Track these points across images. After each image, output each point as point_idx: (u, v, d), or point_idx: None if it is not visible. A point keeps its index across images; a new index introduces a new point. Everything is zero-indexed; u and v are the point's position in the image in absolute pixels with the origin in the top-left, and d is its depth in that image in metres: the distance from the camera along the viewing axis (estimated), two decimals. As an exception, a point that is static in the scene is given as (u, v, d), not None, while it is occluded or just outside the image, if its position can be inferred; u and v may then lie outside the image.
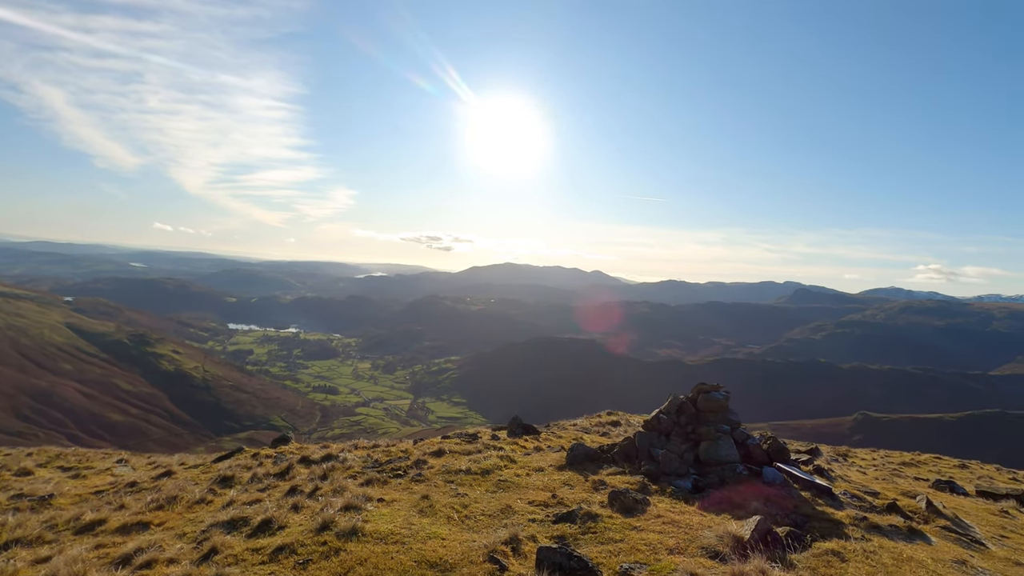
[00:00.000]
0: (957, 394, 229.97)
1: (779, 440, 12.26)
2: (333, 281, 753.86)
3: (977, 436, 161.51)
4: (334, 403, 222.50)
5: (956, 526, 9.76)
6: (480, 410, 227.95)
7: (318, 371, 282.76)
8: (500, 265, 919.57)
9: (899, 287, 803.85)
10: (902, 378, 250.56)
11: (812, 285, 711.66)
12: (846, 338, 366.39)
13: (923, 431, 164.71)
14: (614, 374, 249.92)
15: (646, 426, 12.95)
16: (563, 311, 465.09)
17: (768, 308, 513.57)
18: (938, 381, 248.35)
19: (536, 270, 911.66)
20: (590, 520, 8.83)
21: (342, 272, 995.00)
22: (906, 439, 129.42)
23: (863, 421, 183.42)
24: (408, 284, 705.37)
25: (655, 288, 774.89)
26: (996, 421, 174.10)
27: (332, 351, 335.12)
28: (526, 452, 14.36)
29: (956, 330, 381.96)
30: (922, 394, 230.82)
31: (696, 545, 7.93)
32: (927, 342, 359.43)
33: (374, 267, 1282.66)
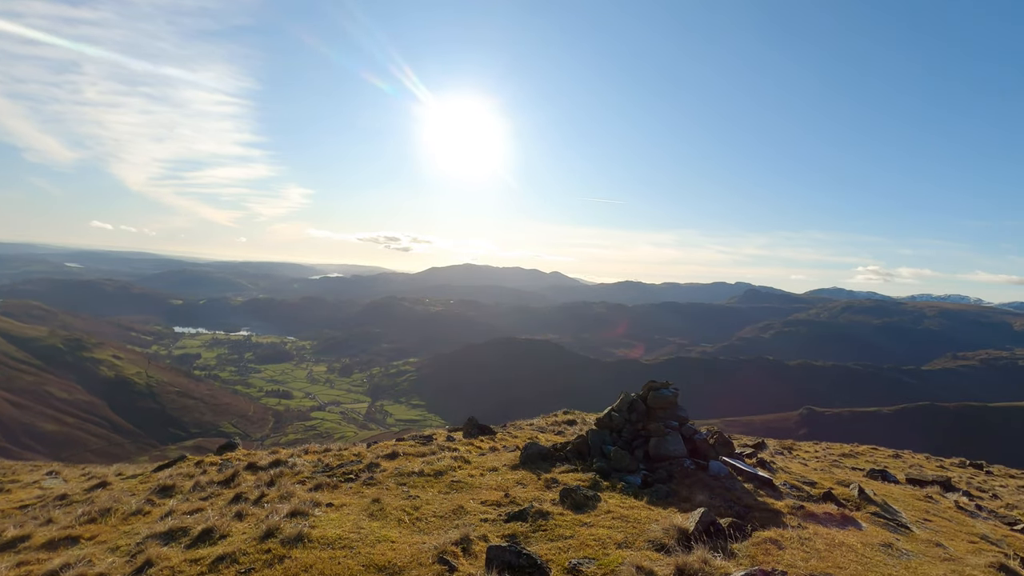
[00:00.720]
0: (893, 388, 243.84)
1: (724, 435, 12.70)
2: (287, 282, 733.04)
3: (910, 427, 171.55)
4: (288, 408, 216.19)
5: (885, 512, 10.35)
6: (439, 412, 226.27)
7: (271, 375, 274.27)
8: (459, 266, 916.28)
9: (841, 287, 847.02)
10: (844, 374, 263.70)
11: (761, 286, 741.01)
12: (793, 336, 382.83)
13: (863, 424, 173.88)
14: (573, 374, 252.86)
15: (598, 424, 13.16)
16: (523, 312, 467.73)
17: (720, 308, 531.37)
18: (876, 376, 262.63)
19: (495, 271, 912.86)
20: (541, 518, 8.90)
21: (297, 273, 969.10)
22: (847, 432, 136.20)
23: (808, 415, 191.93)
24: (366, 285, 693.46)
25: (612, 289, 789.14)
26: (927, 413, 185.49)
27: (286, 354, 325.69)
28: (481, 452, 14.36)
29: (892, 328, 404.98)
30: (862, 389, 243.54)
31: (644, 539, 8.10)
32: (866, 339, 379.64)
33: (330, 268, 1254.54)
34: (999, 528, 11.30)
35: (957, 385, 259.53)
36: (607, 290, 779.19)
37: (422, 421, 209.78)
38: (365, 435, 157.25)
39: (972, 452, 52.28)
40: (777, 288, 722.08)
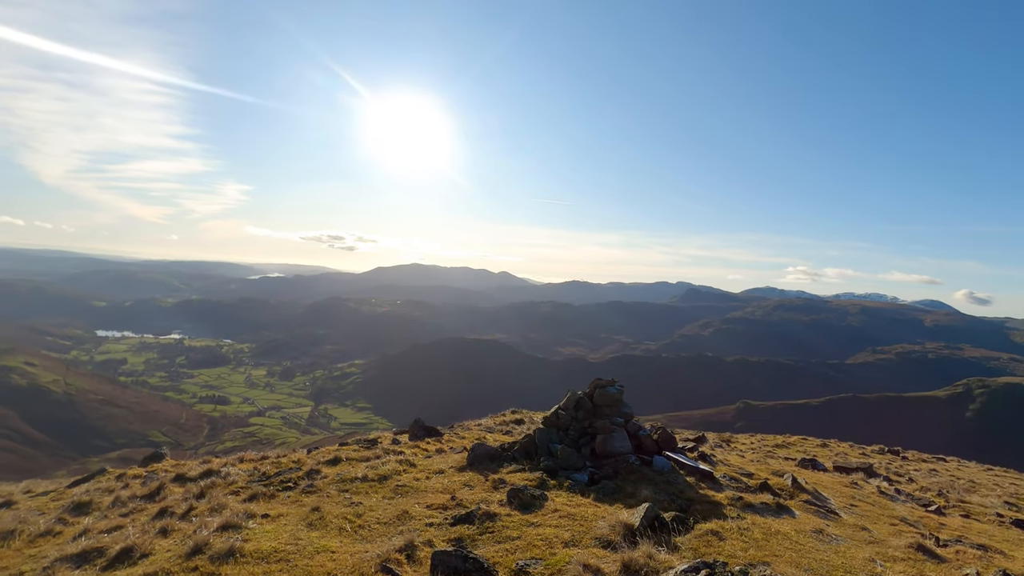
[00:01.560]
0: (821, 381, 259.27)
1: (668, 430, 12.99)
2: (223, 282, 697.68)
3: (836, 418, 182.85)
4: (224, 414, 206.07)
5: (816, 499, 10.87)
6: (386, 414, 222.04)
7: (206, 380, 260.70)
8: (406, 266, 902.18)
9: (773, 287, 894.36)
10: (777, 369, 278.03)
11: (701, 285, 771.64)
12: (730, 334, 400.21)
13: (794, 415, 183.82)
14: (521, 373, 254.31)
15: (545, 422, 13.17)
16: (471, 312, 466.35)
17: (663, 307, 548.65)
18: (805, 370, 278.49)
19: (443, 271, 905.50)
20: (488, 520, 8.77)
21: (234, 273, 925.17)
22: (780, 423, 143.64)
23: (745, 409, 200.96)
24: (308, 285, 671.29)
25: (560, 288, 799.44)
26: (851, 404, 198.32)
27: (222, 358, 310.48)
28: (427, 455, 14.07)
29: (819, 325, 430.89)
30: (793, 382, 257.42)
31: (590, 536, 8.12)
32: (796, 336, 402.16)
33: (270, 267, 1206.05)
34: (916, 510, 12.12)
35: (876, 377, 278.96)
36: (554, 290, 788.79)
37: (368, 424, 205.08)
38: (308, 440, 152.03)
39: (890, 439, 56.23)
40: (716, 288, 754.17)
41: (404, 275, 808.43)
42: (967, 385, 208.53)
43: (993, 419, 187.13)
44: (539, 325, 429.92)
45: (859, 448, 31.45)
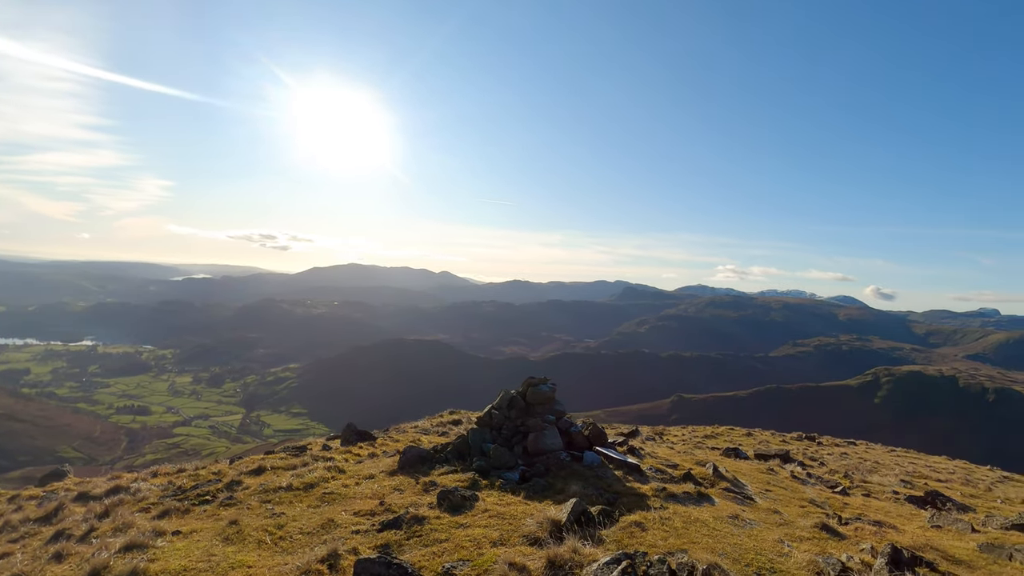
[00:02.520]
0: (748, 374, 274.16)
1: (598, 426, 13.29)
2: (142, 284, 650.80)
3: (762, 407, 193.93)
4: (145, 425, 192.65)
5: (734, 486, 11.45)
6: (324, 419, 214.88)
7: (123, 389, 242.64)
8: (344, 266, 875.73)
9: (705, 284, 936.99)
10: (708, 363, 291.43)
11: (638, 284, 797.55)
12: (665, 330, 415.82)
13: (724, 407, 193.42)
14: (463, 373, 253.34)
15: (479, 422, 13.16)
16: (412, 312, 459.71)
17: (602, 305, 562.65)
18: (734, 364, 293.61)
19: (383, 271, 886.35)
20: (417, 523, 8.65)
21: (154, 274, 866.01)
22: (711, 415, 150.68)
23: (678, 402, 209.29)
24: (238, 287, 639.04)
25: (501, 288, 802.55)
26: (774, 394, 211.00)
27: (142, 365, 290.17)
28: (359, 460, 13.72)
29: (746, 320, 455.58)
30: (723, 376, 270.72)
31: (519, 534, 8.17)
32: (726, 331, 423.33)
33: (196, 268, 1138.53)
34: (824, 492, 13.01)
35: (797, 368, 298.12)
36: (496, 289, 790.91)
37: (304, 430, 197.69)
38: (239, 449, 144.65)
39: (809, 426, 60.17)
40: (652, 286, 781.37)
41: (341, 275, 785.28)
42: (875, 374, 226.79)
43: (897, 404, 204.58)
44: (481, 325, 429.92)
45: (780, 436, 33.42)
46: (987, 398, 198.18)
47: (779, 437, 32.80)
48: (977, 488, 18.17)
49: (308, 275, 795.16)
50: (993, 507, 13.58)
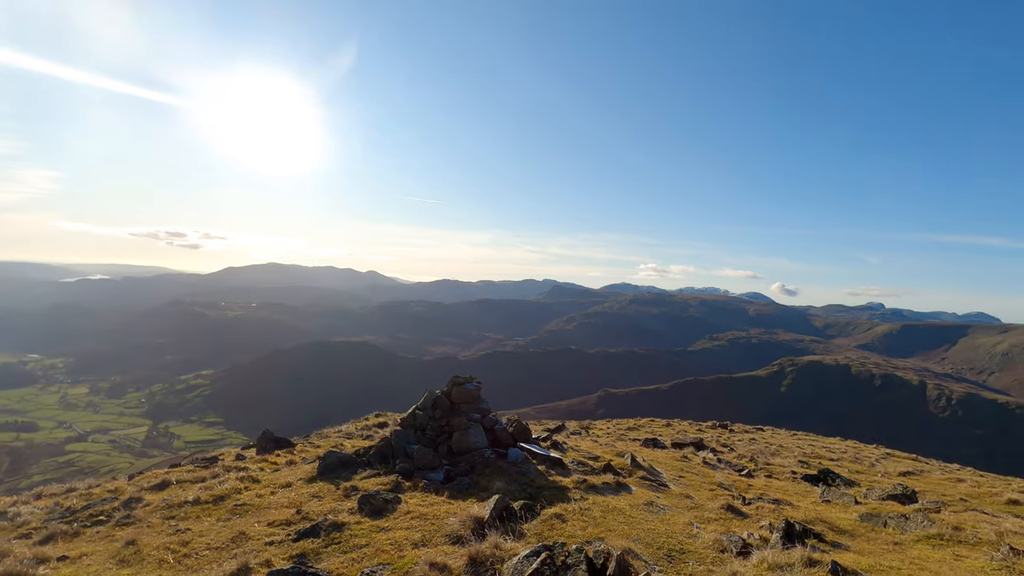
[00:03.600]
0: (669, 367, 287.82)
1: (523, 422, 13.48)
2: (27, 286, 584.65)
3: (681, 399, 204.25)
4: (31, 443, 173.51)
5: (651, 475, 12.00)
6: (241, 428, 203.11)
7: (4, 404, 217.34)
8: (262, 265, 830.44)
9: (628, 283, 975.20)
10: (631, 358, 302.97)
11: (565, 282, 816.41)
12: (591, 327, 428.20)
13: (647, 400, 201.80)
14: (391, 375, 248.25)
15: (403, 424, 12.96)
16: (337, 314, 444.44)
17: (530, 304, 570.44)
18: (656, 358, 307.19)
19: (305, 271, 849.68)
20: (336, 530, 8.41)
21: (42, 274, 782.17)
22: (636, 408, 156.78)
23: (605, 397, 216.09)
24: (142, 288, 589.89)
25: (430, 287, 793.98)
26: (693, 386, 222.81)
27: (27, 376, 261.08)
28: (275, 469, 13.10)
29: (667, 316, 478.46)
30: (646, 369, 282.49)
31: (441, 534, 8.14)
32: (648, 327, 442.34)
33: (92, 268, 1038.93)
34: (732, 475, 13.92)
35: (713, 361, 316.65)
36: (425, 289, 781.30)
37: (219, 441, 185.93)
38: (144, 464, 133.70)
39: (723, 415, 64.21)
40: (579, 284, 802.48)
41: (260, 275, 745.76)
42: (781, 364, 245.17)
43: (800, 391, 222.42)
44: (410, 325, 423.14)
45: (697, 425, 35.36)
46: (875, 383, 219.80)
47: (696, 426, 34.71)
48: (863, 465, 20.13)
49: (223, 275, 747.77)
50: (874, 481, 15.10)
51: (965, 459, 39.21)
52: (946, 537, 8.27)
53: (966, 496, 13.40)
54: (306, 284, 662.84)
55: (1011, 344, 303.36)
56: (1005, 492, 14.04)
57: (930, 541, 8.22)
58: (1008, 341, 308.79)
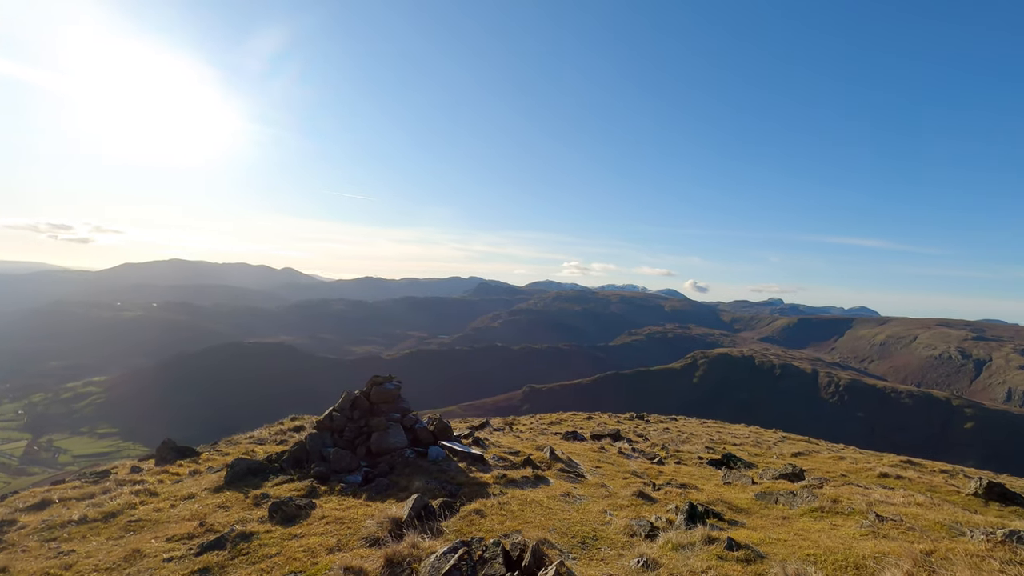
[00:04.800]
0: (591, 362, 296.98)
1: (444, 420, 13.44)
2: None
3: (603, 392, 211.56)
4: None
5: (569, 466, 12.38)
6: (141, 439, 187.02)
7: None
8: (164, 262, 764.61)
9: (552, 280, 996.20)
10: (556, 354, 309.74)
11: (491, 280, 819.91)
12: (516, 324, 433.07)
13: (571, 394, 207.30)
14: (310, 377, 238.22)
15: (318, 426, 12.52)
16: (250, 313, 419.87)
17: (456, 301, 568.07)
18: (579, 353, 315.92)
19: (214, 268, 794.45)
20: (244, 540, 8.00)
21: None
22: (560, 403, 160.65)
23: (530, 392, 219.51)
24: (18, 286, 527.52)
25: (352, 285, 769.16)
26: (614, 379, 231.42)
27: None
28: (177, 480, 12.23)
29: (589, 313, 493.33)
30: (570, 365, 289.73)
31: (358, 537, 7.97)
32: (571, 323, 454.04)
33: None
34: (645, 463, 14.64)
35: (632, 355, 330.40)
36: (346, 287, 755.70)
37: (114, 453, 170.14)
38: (22, 483, 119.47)
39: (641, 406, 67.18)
40: (504, 282, 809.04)
41: (162, 273, 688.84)
42: (693, 357, 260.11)
43: (710, 382, 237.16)
44: (330, 325, 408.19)
45: (615, 417, 36.76)
46: (775, 373, 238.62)
47: (615, 418, 36.09)
48: (762, 448, 21.83)
49: (117, 273, 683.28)
50: (770, 462, 16.44)
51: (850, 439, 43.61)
52: (826, 509, 9.19)
53: (846, 472, 14.91)
54: (215, 282, 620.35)
55: (888, 335, 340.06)
56: (878, 467, 15.77)
57: (813, 514, 9.10)
58: (885, 332, 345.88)
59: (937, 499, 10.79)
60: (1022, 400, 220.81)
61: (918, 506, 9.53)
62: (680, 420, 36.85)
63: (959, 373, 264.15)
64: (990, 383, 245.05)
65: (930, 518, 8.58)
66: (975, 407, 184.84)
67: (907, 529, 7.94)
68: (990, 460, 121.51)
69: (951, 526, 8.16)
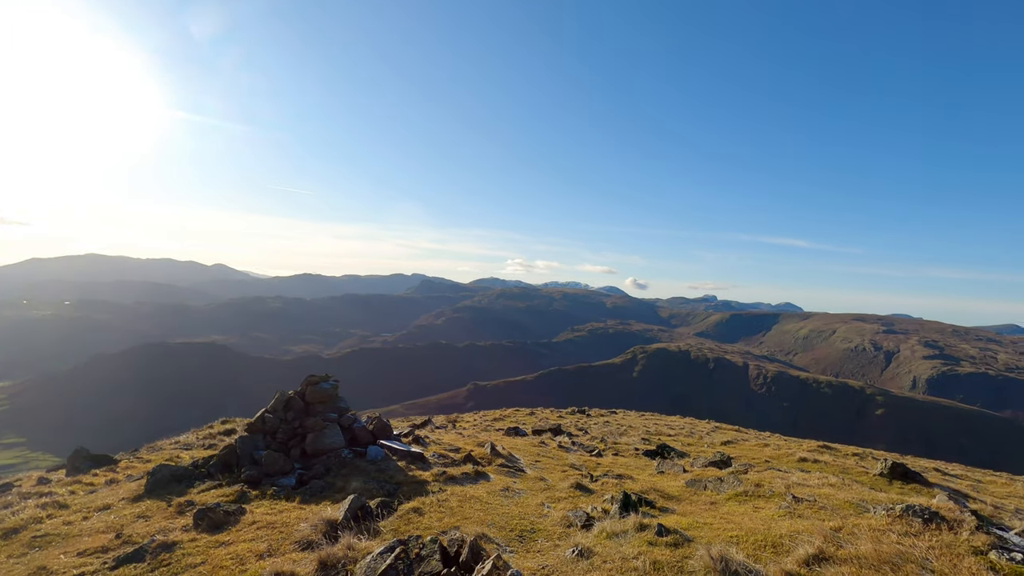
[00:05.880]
0: (535, 358, 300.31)
1: (383, 419, 13.23)
2: None
3: (547, 388, 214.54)
4: None
5: (509, 462, 12.48)
6: (52, 449, 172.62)
7: None
8: (79, 257, 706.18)
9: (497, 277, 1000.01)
10: (500, 350, 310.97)
11: (435, 277, 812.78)
12: (461, 321, 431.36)
13: (515, 391, 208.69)
14: (244, 378, 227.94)
15: (249, 429, 12.00)
16: (177, 312, 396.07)
17: (399, 299, 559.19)
18: (523, 350, 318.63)
19: (137, 263, 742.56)
20: (165, 551, 7.56)
21: None
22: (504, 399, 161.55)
23: (474, 390, 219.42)
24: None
25: (289, 282, 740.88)
26: (557, 375, 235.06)
27: None
28: (91, 490, 11.41)
29: (533, 310, 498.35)
30: (514, 361, 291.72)
31: (290, 541, 7.72)
32: (515, 320, 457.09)
33: None
34: (584, 456, 14.98)
35: (575, 351, 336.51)
36: (284, 284, 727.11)
37: (20, 465, 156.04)
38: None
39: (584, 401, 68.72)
40: (448, 279, 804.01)
41: (76, 268, 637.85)
42: (633, 352, 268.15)
43: (649, 376, 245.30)
44: (266, 323, 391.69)
45: (558, 412, 37.34)
46: (709, 366, 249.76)
47: (557, 413, 36.65)
48: (695, 438, 22.83)
49: (23, 268, 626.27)
50: (701, 451, 17.22)
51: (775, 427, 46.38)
52: (750, 493, 9.74)
53: (770, 458, 15.84)
54: (138, 279, 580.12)
55: (810, 329, 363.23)
56: (798, 452, 16.84)
57: (738, 498, 9.62)
58: (808, 327, 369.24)
59: (848, 480, 11.67)
60: (925, 387, 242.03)
61: (831, 487, 10.27)
62: (620, 413, 37.89)
63: (872, 364, 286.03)
64: (898, 372, 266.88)
65: (841, 497, 9.27)
66: (885, 395, 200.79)
67: (820, 508, 8.55)
68: (897, 443, 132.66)
69: (858, 504, 8.85)
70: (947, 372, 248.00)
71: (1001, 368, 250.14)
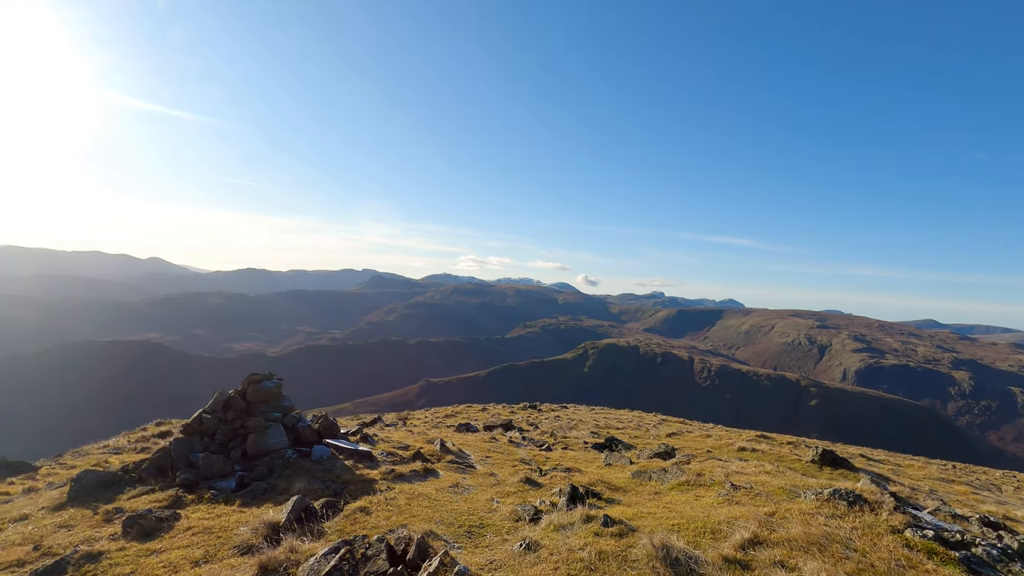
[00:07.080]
0: (487, 355, 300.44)
1: (329, 418, 12.90)
2: None
3: (499, 384, 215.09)
4: None
5: (459, 458, 12.44)
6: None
7: None
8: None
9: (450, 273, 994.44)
10: (452, 347, 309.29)
11: (386, 272, 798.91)
12: (413, 318, 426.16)
13: (467, 387, 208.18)
14: (182, 377, 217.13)
15: (186, 430, 11.43)
16: (107, 308, 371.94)
17: (348, 294, 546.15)
18: (475, 346, 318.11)
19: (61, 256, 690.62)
20: (90, 561, 7.12)
21: None
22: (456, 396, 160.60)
23: (426, 387, 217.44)
24: None
25: (231, 277, 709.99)
26: (509, 371, 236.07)
27: None
28: (7, 499, 10.62)
29: (486, 306, 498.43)
30: (467, 358, 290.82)
31: (229, 547, 7.42)
32: (468, 316, 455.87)
33: None
34: (533, 451, 15.11)
35: (527, 347, 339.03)
36: (225, 279, 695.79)
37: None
38: None
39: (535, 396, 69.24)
40: (400, 275, 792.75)
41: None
42: (584, 348, 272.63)
43: (600, 371, 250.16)
44: (207, 320, 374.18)
45: (509, 408, 37.50)
46: (657, 361, 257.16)
47: (508, 409, 36.81)
48: (642, 431, 23.46)
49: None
50: (648, 443, 17.71)
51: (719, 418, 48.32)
52: (692, 483, 10.10)
53: (712, 448, 16.47)
54: (62, 273, 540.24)
55: (751, 324, 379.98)
56: (738, 442, 17.60)
57: (681, 487, 9.96)
58: (749, 322, 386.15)
59: (782, 467, 12.30)
60: (854, 379, 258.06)
61: (766, 474, 10.79)
62: (570, 408, 38.45)
63: (807, 357, 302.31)
64: (830, 365, 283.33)
65: (775, 484, 9.76)
66: (819, 386, 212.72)
67: (756, 495, 8.96)
68: (829, 431, 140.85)
69: (791, 490, 9.34)
70: (873, 364, 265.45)
71: (920, 360, 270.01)
